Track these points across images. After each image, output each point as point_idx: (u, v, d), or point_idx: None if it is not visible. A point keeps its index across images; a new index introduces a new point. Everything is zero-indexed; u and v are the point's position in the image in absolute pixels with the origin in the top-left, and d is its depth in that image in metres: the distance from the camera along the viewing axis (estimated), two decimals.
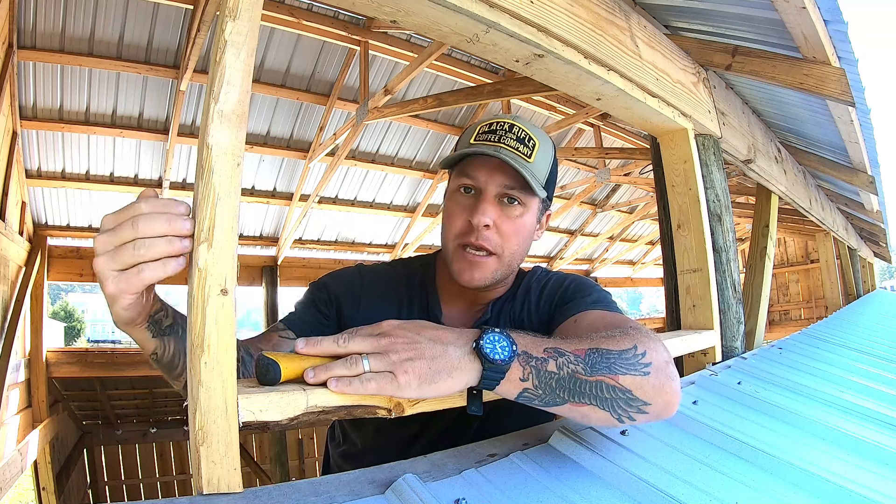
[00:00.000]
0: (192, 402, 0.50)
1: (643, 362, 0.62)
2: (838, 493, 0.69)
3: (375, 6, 0.82)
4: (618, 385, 0.60)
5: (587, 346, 0.62)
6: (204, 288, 0.51)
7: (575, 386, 0.59)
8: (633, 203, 8.50)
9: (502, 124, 0.83)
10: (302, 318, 0.90)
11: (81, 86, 4.06)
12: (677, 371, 0.68)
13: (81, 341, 29.56)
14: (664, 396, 0.63)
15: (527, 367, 0.58)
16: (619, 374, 0.60)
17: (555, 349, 0.60)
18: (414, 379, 0.55)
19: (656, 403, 0.62)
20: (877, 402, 1.30)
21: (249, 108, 0.57)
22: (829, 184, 3.52)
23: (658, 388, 0.62)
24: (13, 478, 3.54)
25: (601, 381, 0.60)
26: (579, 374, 0.59)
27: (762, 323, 2.57)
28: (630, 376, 0.61)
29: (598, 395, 0.60)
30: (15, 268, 4.20)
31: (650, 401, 0.62)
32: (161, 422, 6.42)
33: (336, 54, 4.65)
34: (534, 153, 0.82)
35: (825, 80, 1.40)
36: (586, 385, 0.59)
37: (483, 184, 0.82)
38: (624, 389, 0.60)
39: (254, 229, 6.13)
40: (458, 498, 0.55)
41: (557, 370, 0.59)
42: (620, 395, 0.60)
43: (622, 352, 0.62)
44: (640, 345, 0.64)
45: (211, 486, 0.49)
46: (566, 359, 0.60)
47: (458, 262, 0.84)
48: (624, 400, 0.61)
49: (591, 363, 0.60)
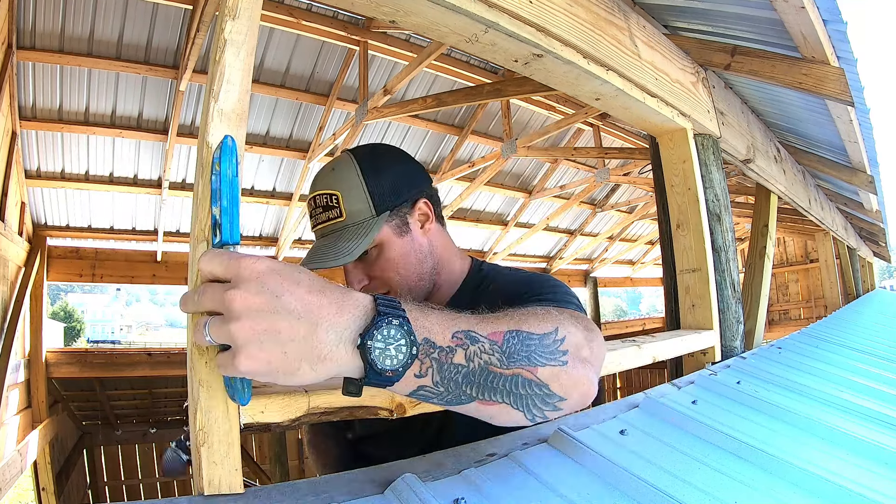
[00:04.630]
0: (192, 402, 0.50)
1: (561, 349, 0.53)
2: (838, 492, 0.69)
3: (374, 6, 0.82)
4: (535, 379, 0.51)
5: (506, 326, 0.51)
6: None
7: (486, 381, 0.49)
8: (632, 203, 8.50)
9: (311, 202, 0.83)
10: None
11: (81, 86, 4.06)
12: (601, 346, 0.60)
13: (81, 342, 29.58)
14: (580, 388, 0.55)
15: (426, 361, 0.47)
16: (539, 366, 0.51)
17: (466, 334, 0.49)
18: (260, 367, 0.42)
19: (572, 398, 0.54)
20: (876, 401, 1.30)
21: (249, 107, 0.57)
22: (828, 183, 3.52)
23: (575, 380, 0.54)
24: (13, 478, 3.54)
25: (518, 374, 0.50)
26: (493, 366, 0.49)
27: (761, 322, 2.57)
28: (549, 367, 0.52)
29: (513, 391, 0.50)
30: (14, 268, 4.20)
31: (567, 395, 0.53)
32: (161, 422, 6.42)
33: (335, 54, 4.65)
34: (341, 204, 0.78)
35: (824, 80, 1.40)
36: (500, 380, 0.49)
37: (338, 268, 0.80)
38: (541, 384, 0.51)
39: (253, 229, 6.13)
40: (458, 497, 0.55)
41: (467, 362, 0.48)
42: (537, 392, 0.52)
43: (543, 336, 0.53)
44: (561, 328, 0.55)
45: (212, 486, 0.49)
46: (479, 346, 0.49)
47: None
48: (540, 397, 0.52)
49: (508, 351, 0.50)
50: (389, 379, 0.45)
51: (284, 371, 0.42)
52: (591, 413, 0.86)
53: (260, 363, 0.41)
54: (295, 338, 0.42)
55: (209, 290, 0.43)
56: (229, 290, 0.42)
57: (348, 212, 0.79)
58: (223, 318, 0.42)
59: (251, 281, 0.42)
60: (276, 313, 0.41)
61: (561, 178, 7.49)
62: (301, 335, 0.42)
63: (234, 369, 0.42)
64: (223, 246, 0.48)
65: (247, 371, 0.42)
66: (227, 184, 0.49)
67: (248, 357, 0.41)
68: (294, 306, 0.42)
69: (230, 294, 0.41)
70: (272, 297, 0.42)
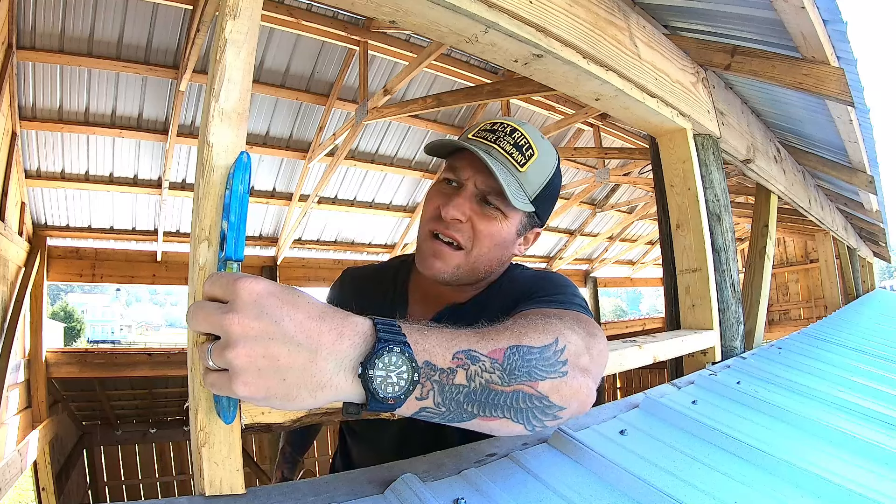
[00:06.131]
0: (193, 402, 0.50)
1: (561, 360, 0.54)
2: (838, 492, 0.69)
3: (374, 6, 0.82)
4: (535, 393, 0.51)
5: (506, 342, 0.52)
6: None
7: (487, 399, 0.49)
8: (632, 203, 8.50)
9: (504, 126, 0.78)
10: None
11: (81, 86, 4.06)
12: (603, 351, 0.61)
13: (81, 342, 29.58)
14: (579, 397, 0.55)
15: (427, 384, 0.46)
16: (539, 380, 0.51)
17: (467, 353, 0.49)
18: (258, 393, 0.41)
19: (571, 407, 0.55)
20: (876, 401, 1.30)
21: (249, 107, 0.57)
22: (828, 183, 3.52)
23: (574, 390, 0.54)
24: (13, 478, 3.54)
25: (519, 390, 0.50)
26: (495, 384, 0.49)
27: (761, 322, 2.57)
28: (549, 380, 0.52)
29: (514, 406, 0.51)
30: (14, 268, 4.20)
31: (566, 405, 0.54)
32: (161, 422, 6.42)
33: (335, 54, 4.65)
34: (529, 163, 0.76)
35: (824, 80, 1.40)
36: (501, 397, 0.50)
37: (464, 180, 0.77)
38: (541, 397, 0.52)
39: (253, 229, 6.13)
40: (457, 497, 0.55)
41: (468, 381, 0.48)
42: (537, 404, 0.52)
43: (543, 349, 0.53)
44: (561, 338, 0.55)
45: (213, 487, 0.49)
46: (480, 366, 0.49)
47: (424, 249, 0.78)
48: (540, 409, 0.52)
49: (509, 368, 0.50)
50: (391, 406, 0.44)
51: (282, 398, 0.42)
52: (591, 413, 0.86)
53: (257, 390, 0.41)
54: (293, 366, 0.41)
55: (206, 312, 0.42)
56: (227, 314, 0.41)
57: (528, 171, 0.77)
58: (222, 344, 0.41)
59: (249, 304, 0.41)
60: (274, 340, 0.41)
61: (561, 179, 7.48)
62: (300, 363, 0.41)
63: (230, 393, 0.41)
64: (227, 261, 0.49)
65: (244, 396, 0.41)
66: (237, 200, 0.49)
67: (244, 384, 0.41)
68: (293, 332, 0.41)
69: (228, 318, 0.41)
70: (270, 323, 0.41)
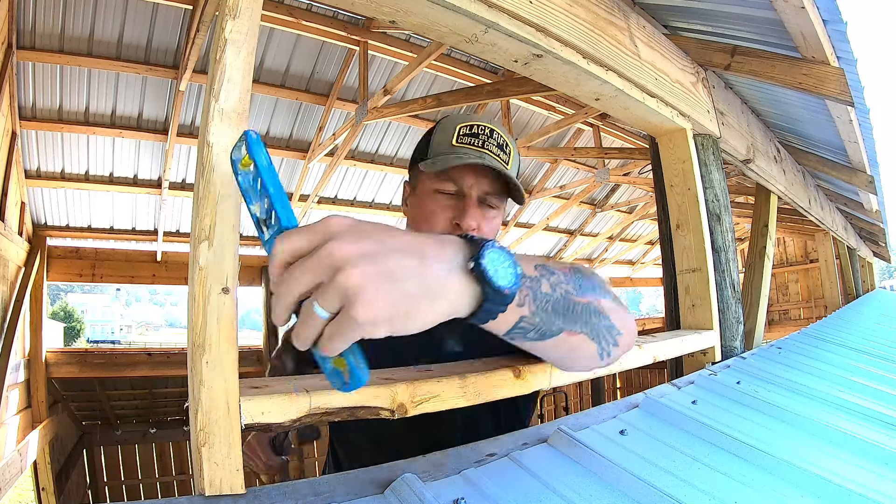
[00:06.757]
0: (193, 402, 0.50)
1: (610, 290, 0.57)
2: (838, 492, 0.69)
3: (374, 6, 0.82)
4: (602, 310, 0.54)
5: (567, 265, 0.54)
6: (205, 286, 0.51)
7: (569, 310, 0.51)
8: (632, 203, 8.51)
9: (483, 128, 0.84)
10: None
11: (81, 86, 4.06)
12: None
13: (81, 342, 29.59)
14: (628, 325, 0.58)
15: (523, 289, 0.46)
16: (602, 298, 0.54)
17: (544, 266, 0.50)
18: (381, 312, 0.36)
19: (625, 334, 0.57)
20: (876, 401, 1.30)
21: (249, 107, 0.57)
22: (828, 183, 3.52)
23: (624, 318, 0.57)
24: (13, 478, 3.54)
25: (590, 303, 0.53)
26: (572, 294, 0.51)
27: (761, 323, 2.57)
28: (608, 301, 0.55)
29: (589, 321, 0.53)
30: (14, 268, 4.20)
31: (623, 330, 0.57)
32: (161, 422, 6.41)
33: (335, 54, 4.65)
34: (510, 160, 0.84)
35: (824, 80, 1.40)
36: (579, 308, 0.52)
37: (468, 188, 0.83)
38: (606, 315, 0.55)
39: (253, 229, 6.12)
40: (458, 497, 0.55)
41: (552, 290, 0.49)
42: (605, 322, 0.54)
43: (594, 275, 0.56)
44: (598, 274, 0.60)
45: (213, 487, 0.49)
46: (557, 277, 0.50)
47: None
48: (607, 328, 0.55)
49: (578, 282, 0.53)
50: (505, 299, 0.43)
51: (405, 315, 0.38)
52: (591, 413, 0.86)
53: (381, 308, 0.36)
54: (409, 275, 0.38)
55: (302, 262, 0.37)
56: (326, 246, 0.37)
57: (511, 168, 0.85)
58: (325, 283, 0.36)
59: (346, 232, 0.38)
60: (383, 254, 0.38)
61: (561, 179, 7.49)
62: (414, 272, 0.38)
63: (352, 323, 0.36)
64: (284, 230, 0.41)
65: (366, 320, 0.36)
66: (267, 172, 0.43)
67: (364, 304, 0.36)
68: (398, 246, 0.39)
69: (328, 249, 0.36)
70: (374, 241, 0.38)
